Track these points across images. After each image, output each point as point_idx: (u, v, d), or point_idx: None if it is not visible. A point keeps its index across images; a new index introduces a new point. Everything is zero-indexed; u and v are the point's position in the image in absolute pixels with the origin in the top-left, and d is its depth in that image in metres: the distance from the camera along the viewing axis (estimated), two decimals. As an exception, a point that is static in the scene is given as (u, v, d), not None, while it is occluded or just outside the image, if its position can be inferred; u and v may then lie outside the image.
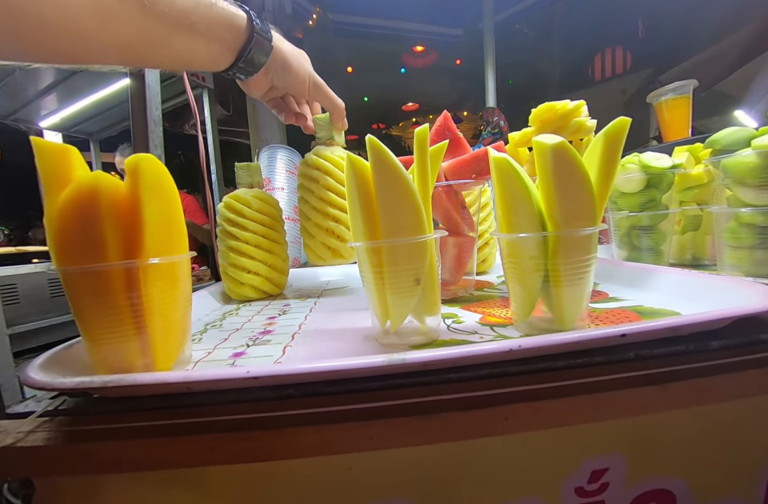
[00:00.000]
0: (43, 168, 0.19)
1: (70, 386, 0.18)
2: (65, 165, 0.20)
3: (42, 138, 0.94)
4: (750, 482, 0.24)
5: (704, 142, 0.73)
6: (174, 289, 0.23)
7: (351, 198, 0.24)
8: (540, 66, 2.53)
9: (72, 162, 0.20)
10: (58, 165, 0.19)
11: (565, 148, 0.20)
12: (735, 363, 0.22)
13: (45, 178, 0.19)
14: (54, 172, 0.19)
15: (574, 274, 0.24)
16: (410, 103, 4.22)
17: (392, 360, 0.18)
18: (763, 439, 0.23)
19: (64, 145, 0.20)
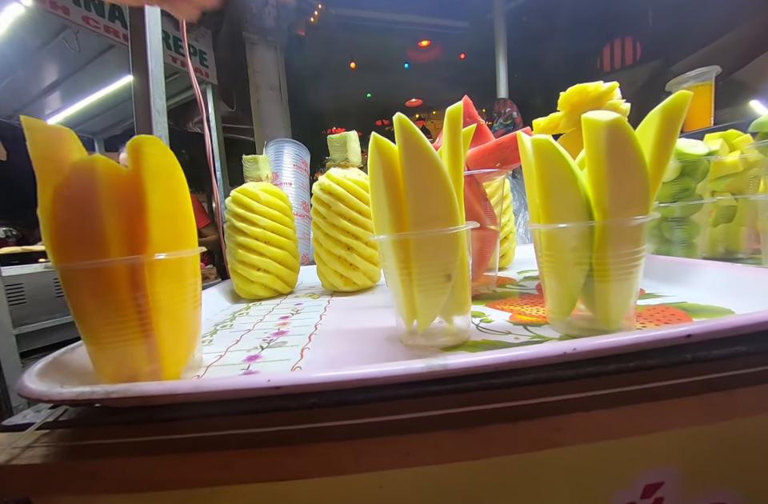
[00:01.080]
0: (36, 152, 0.17)
1: (69, 398, 0.16)
2: (60, 148, 0.18)
3: None
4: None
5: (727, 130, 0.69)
6: (183, 287, 0.21)
7: (376, 184, 0.22)
8: (547, 59, 2.47)
9: (68, 145, 0.18)
10: (52, 148, 0.17)
11: (622, 125, 0.18)
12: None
13: (37, 162, 0.17)
14: (48, 156, 0.17)
15: (624, 268, 0.21)
16: (413, 99, 4.18)
17: (432, 366, 0.16)
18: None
19: (58, 126, 0.18)
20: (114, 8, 1.11)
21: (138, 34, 0.34)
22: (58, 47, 1.12)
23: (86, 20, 1.04)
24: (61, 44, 1.10)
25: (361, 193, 0.41)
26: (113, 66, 1.23)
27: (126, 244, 0.18)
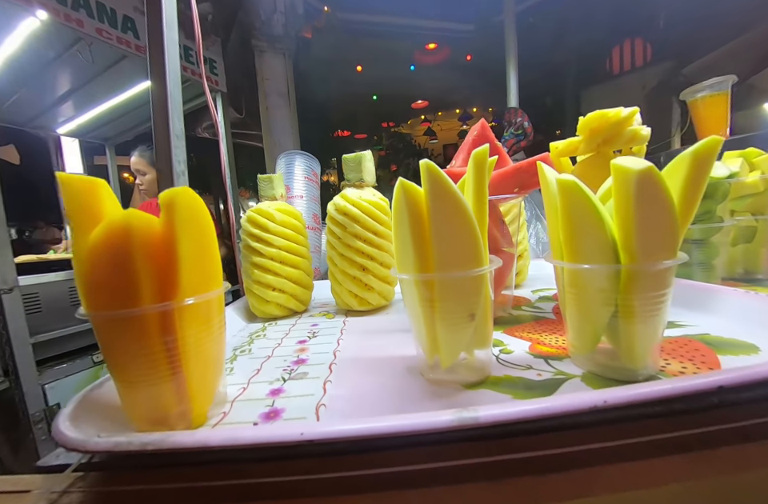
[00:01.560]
0: (70, 204, 0.17)
1: (106, 448, 0.16)
2: (94, 200, 0.18)
3: (60, 144, 0.94)
4: None
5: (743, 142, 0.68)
6: (210, 327, 0.22)
7: (400, 225, 0.22)
8: (556, 61, 2.46)
9: (101, 196, 0.18)
10: (86, 200, 0.18)
11: (653, 175, 0.17)
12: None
13: (73, 214, 0.18)
14: (83, 208, 0.18)
15: (650, 309, 0.21)
16: (419, 101, 4.17)
17: (463, 419, 0.16)
18: None
19: (92, 178, 0.18)
20: (127, 19, 1.13)
21: (157, 65, 0.35)
22: (72, 58, 1.14)
23: (99, 32, 1.05)
24: (74, 55, 1.12)
25: (376, 213, 0.41)
26: (124, 75, 1.24)
27: (157, 291, 0.19)
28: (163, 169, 0.36)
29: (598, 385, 0.22)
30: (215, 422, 0.22)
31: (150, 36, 0.36)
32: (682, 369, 0.23)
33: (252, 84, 1.49)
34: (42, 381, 0.82)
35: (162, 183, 0.37)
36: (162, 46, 0.35)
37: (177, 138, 0.36)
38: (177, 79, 0.36)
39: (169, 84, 0.35)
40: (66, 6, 1.00)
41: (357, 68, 2.97)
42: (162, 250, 0.18)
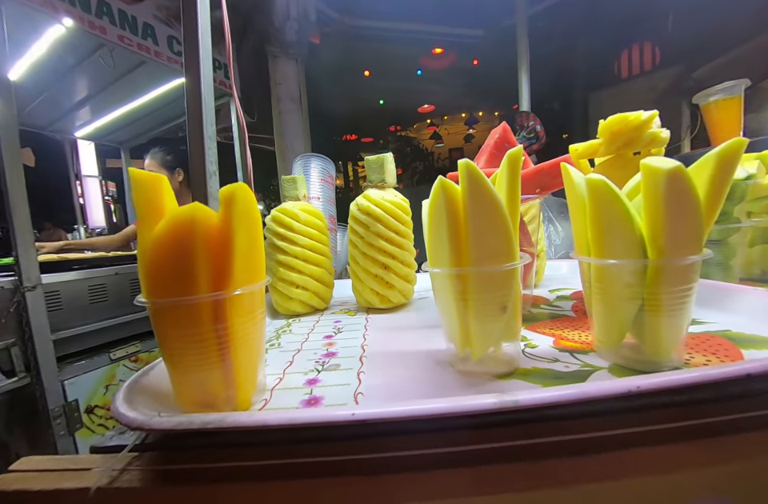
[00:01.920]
0: (139, 198, 0.19)
1: (169, 427, 0.17)
2: (159, 194, 0.19)
3: (77, 147, 0.97)
4: None
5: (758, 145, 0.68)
6: (254, 317, 0.23)
7: (437, 222, 0.23)
8: (564, 64, 2.47)
9: (163, 191, 0.20)
10: (152, 195, 0.19)
11: (682, 174, 0.18)
12: None
13: (140, 207, 0.19)
14: (149, 202, 0.19)
15: (676, 303, 0.22)
16: (425, 105, 4.20)
17: (504, 402, 0.17)
18: None
19: (157, 175, 0.19)
20: (147, 26, 1.17)
21: (192, 73, 0.37)
22: (93, 64, 1.18)
23: (120, 38, 1.09)
24: (96, 61, 1.16)
25: (398, 213, 0.43)
26: (142, 80, 1.28)
27: (212, 281, 0.20)
28: (197, 169, 0.37)
29: (625, 375, 0.23)
30: (259, 408, 0.23)
31: (186, 46, 0.38)
32: (706, 361, 0.24)
33: (264, 88, 1.52)
34: (62, 377, 0.84)
35: (196, 182, 0.38)
36: (198, 56, 0.37)
37: (209, 139, 0.38)
38: (209, 86, 0.38)
39: (203, 90, 0.36)
40: (91, 13, 1.03)
41: (364, 73, 3.00)
42: (219, 241, 0.19)
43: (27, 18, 0.97)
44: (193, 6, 0.44)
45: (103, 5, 1.06)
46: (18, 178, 0.80)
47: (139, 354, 0.99)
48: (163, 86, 1.33)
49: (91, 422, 0.86)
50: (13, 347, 0.80)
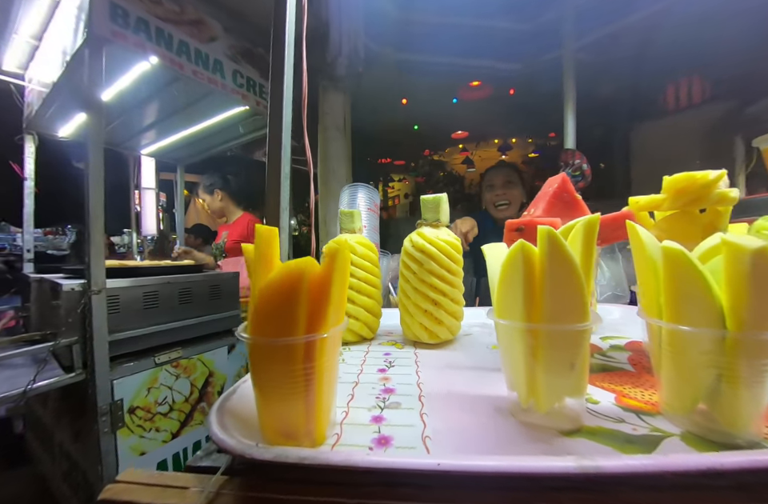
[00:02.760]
0: (259, 250, 0.22)
1: (269, 459, 0.19)
2: (271, 246, 0.22)
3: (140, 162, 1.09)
4: None
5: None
6: (335, 356, 0.25)
7: (512, 278, 0.24)
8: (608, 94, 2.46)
9: (275, 243, 0.23)
10: (268, 246, 0.22)
11: (767, 253, 0.19)
12: None
13: (256, 256, 0.22)
14: (265, 252, 0.22)
15: (757, 377, 0.22)
16: (459, 131, 4.29)
17: (585, 467, 0.18)
18: None
19: (273, 229, 0.23)
20: (217, 62, 1.30)
21: (275, 121, 0.42)
22: (168, 93, 1.32)
23: (194, 73, 1.22)
24: (171, 90, 1.30)
25: (451, 252, 0.44)
26: (206, 108, 1.42)
27: (308, 324, 0.22)
28: (272, 204, 0.41)
29: (699, 446, 0.23)
30: (333, 443, 0.24)
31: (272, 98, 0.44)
32: (790, 439, 0.23)
33: (312, 117, 1.63)
34: (112, 377, 0.90)
35: (269, 216, 0.42)
36: (281, 104, 0.42)
37: (284, 178, 0.42)
38: (288, 132, 0.43)
39: (284, 137, 0.41)
40: (172, 52, 1.17)
41: (402, 101, 3.13)
42: (320, 289, 0.22)
43: (122, 55, 1.11)
44: (281, 45, 0.51)
45: (183, 44, 1.20)
46: (99, 190, 0.89)
47: (180, 359, 1.04)
48: (224, 113, 1.46)
49: (132, 423, 0.91)
50: (75, 345, 0.87)
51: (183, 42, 1.22)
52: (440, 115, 3.55)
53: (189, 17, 1.26)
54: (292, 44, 0.54)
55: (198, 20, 1.29)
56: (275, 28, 0.52)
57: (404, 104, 3.20)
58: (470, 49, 2.21)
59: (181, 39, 1.21)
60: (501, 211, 1.20)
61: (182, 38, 1.21)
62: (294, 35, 0.55)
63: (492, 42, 2.18)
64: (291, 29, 0.54)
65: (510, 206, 1.19)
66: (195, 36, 1.26)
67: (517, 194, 1.20)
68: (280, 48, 0.51)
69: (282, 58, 0.48)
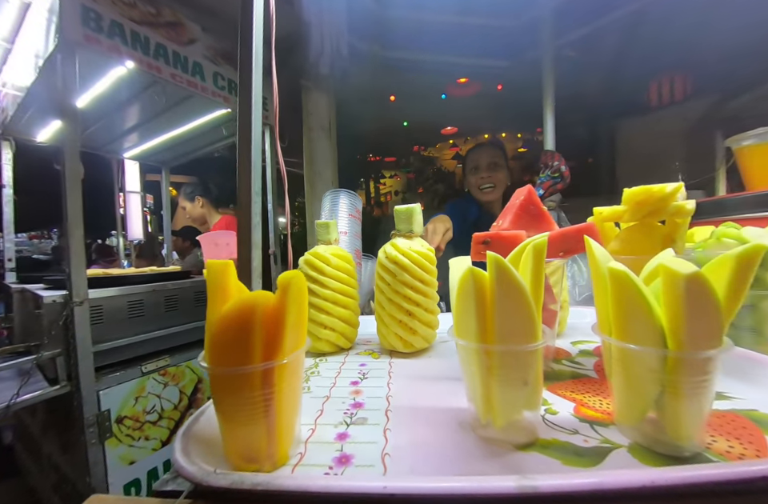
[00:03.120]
0: (211, 281, 0.22)
1: (225, 485, 0.20)
2: (225, 277, 0.23)
3: (124, 166, 1.09)
4: None
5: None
6: (297, 379, 0.25)
7: (465, 301, 0.25)
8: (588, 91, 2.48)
9: (229, 274, 0.23)
10: (221, 278, 0.22)
11: (701, 280, 0.20)
12: None
13: (211, 288, 0.22)
14: (219, 284, 0.22)
15: (695, 392, 0.23)
16: (448, 127, 4.28)
17: (523, 487, 0.19)
18: None
19: (226, 262, 0.23)
20: (196, 65, 1.28)
21: (244, 138, 0.41)
22: (147, 97, 1.30)
23: (173, 76, 1.20)
24: (150, 94, 1.28)
25: (424, 263, 0.45)
26: (188, 111, 1.40)
27: (264, 352, 0.23)
28: (244, 221, 0.42)
29: (644, 458, 0.24)
30: (295, 463, 0.25)
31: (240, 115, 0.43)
32: (729, 448, 0.24)
33: (295, 117, 1.62)
34: (98, 387, 0.89)
35: (241, 233, 0.42)
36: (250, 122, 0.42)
37: (255, 194, 0.42)
38: (258, 149, 0.43)
39: (253, 154, 0.41)
40: (149, 55, 1.15)
41: (390, 98, 3.12)
42: (274, 320, 0.22)
43: (96, 59, 1.09)
44: (248, 48, 0.50)
45: (160, 47, 1.18)
46: (76, 198, 0.88)
47: (168, 368, 1.04)
48: (206, 116, 1.44)
49: (120, 432, 0.91)
50: (59, 357, 0.86)
51: (160, 45, 1.19)
52: (429, 111, 3.54)
53: (165, 19, 1.23)
54: (260, 50, 0.52)
55: (175, 22, 1.26)
56: (242, 31, 0.50)
57: (392, 101, 3.18)
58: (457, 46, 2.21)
59: (158, 42, 1.19)
60: (486, 194, 1.13)
61: (159, 41, 1.19)
62: (262, 37, 0.53)
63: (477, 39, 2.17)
64: (259, 31, 0.52)
65: (496, 189, 1.13)
66: (173, 39, 1.24)
67: (502, 176, 1.14)
68: (247, 54, 0.49)
69: (249, 68, 0.48)
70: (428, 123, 4.01)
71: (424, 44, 2.06)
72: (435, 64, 2.24)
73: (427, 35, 2.07)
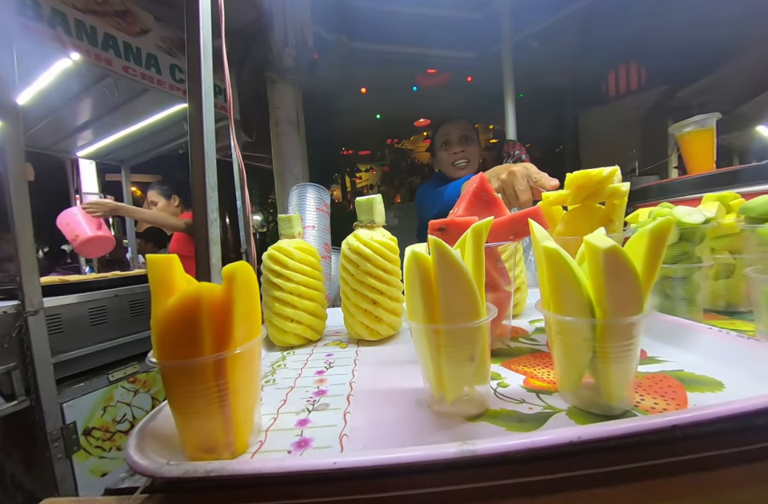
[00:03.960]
0: (153, 276, 0.22)
1: (177, 475, 0.20)
2: (170, 272, 0.23)
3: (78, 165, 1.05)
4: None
5: (728, 177, 0.73)
6: (252, 368, 0.26)
7: (412, 285, 0.26)
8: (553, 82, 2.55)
9: (175, 269, 0.23)
10: (165, 273, 0.22)
11: (616, 252, 0.22)
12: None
13: (153, 284, 0.22)
14: (162, 279, 0.22)
15: (621, 355, 0.25)
16: (421, 119, 4.30)
17: (463, 452, 0.20)
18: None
19: (169, 256, 0.23)
20: (150, 56, 1.22)
21: (196, 131, 0.40)
22: (98, 91, 1.23)
23: (125, 69, 1.14)
24: (101, 88, 1.21)
25: (386, 253, 0.46)
26: (145, 106, 1.33)
27: (214, 344, 0.23)
28: (200, 216, 0.41)
29: (580, 419, 0.26)
30: (255, 450, 0.25)
31: (191, 102, 0.42)
32: (654, 404, 0.27)
33: (263, 111, 1.58)
34: (60, 400, 0.85)
35: (198, 229, 0.42)
36: (201, 113, 0.41)
37: (211, 189, 0.41)
38: (212, 141, 0.42)
39: (206, 146, 0.40)
40: (97, 46, 1.09)
41: (361, 90, 3.09)
42: (221, 311, 0.22)
43: (37, 51, 1.01)
44: (196, 39, 0.48)
45: (109, 38, 1.12)
46: (24, 202, 0.83)
47: (137, 374, 1.01)
48: (165, 110, 1.38)
49: (89, 445, 0.87)
50: (14, 371, 0.81)
51: (109, 35, 1.13)
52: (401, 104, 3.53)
53: (113, 7, 1.16)
54: (209, 38, 0.50)
55: (124, 11, 1.20)
56: (188, 18, 0.47)
57: (364, 93, 3.16)
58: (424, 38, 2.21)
59: (106, 32, 1.12)
60: (460, 170, 1.06)
61: (107, 31, 1.12)
62: (210, 25, 0.50)
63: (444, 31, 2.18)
64: (207, 18, 0.49)
65: (470, 164, 1.05)
66: (123, 28, 1.17)
67: (475, 151, 1.07)
68: (195, 42, 0.47)
69: (198, 56, 0.46)
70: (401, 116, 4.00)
71: (391, 35, 2.05)
72: (404, 55, 2.24)
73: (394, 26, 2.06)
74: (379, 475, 0.22)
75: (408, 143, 4.99)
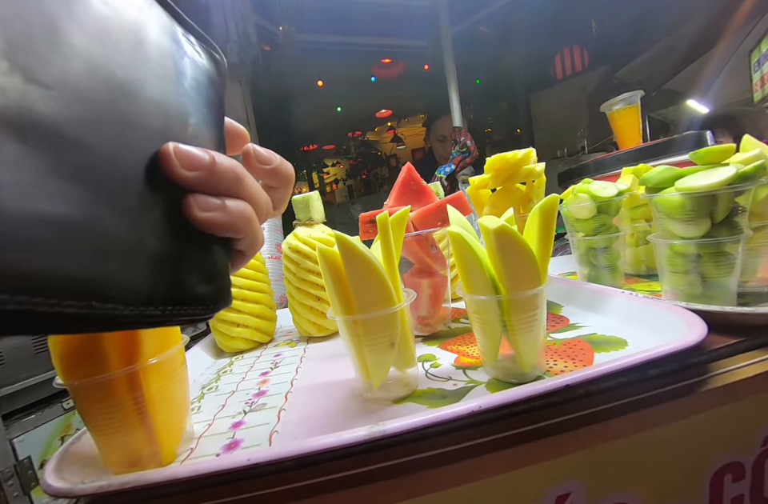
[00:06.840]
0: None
1: (91, 492, 0.20)
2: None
3: None
4: (694, 487, 0.27)
5: (653, 150, 0.78)
6: (173, 378, 0.25)
7: (326, 280, 0.27)
8: (505, 67, 2.60)
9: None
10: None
11: (505, 231, 0.23)
12: (670, 391, 0.26)
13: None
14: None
15: (527, 326, 0.27)
16: (383, 110, 4.27)
17: (373, 433, 0.21)
18: (699, 450, 0.26)
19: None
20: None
21: None
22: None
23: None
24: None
25: (325, 248, 0.46)
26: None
27: (123, 357, 0.22)
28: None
29: (496, 389, 0.28)
30: (183, 458, 0.25)
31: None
32: (564, 367, 0.29)
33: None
34: (10, 435, 0.80)
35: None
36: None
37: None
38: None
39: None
40: None
41: (318, 83, 3.01)
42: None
43: None
44: None
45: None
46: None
47: (100, 395, 0.96)
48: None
49: (53, 474, 0.83)
50: (-47, 411, 0.76)
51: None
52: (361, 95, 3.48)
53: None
54: None
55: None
56: None
57: (321, 86, 3.08)
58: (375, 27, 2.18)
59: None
60: None
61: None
62: None
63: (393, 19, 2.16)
64: None
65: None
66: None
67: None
68: None
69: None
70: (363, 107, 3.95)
71: (341, 25, 2.01)
72: (356, 46, 2.20)
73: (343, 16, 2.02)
74: (297, 467, 0.23)
75: (372, 135, 4.95)
